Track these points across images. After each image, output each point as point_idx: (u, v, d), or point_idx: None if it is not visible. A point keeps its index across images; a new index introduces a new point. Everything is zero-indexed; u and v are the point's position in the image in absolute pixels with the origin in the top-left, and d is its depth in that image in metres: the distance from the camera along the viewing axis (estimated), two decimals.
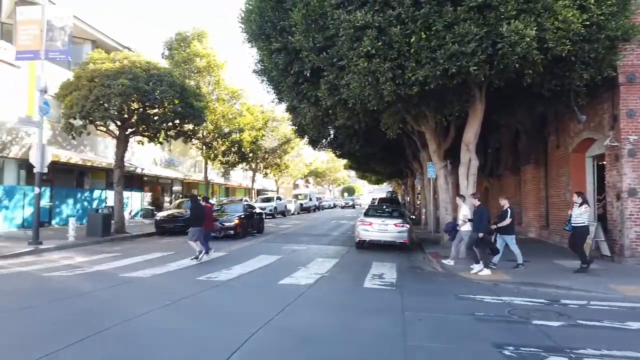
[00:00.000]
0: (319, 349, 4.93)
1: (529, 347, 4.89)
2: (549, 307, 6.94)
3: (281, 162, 39.17)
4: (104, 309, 6.56)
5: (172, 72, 19.20)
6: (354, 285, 8.76)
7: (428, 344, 5.09)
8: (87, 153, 23.64)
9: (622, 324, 5.99)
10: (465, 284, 9.06)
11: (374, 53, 8.93)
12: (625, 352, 4.79)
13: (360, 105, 10.43)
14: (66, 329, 5.44)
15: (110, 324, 5.57)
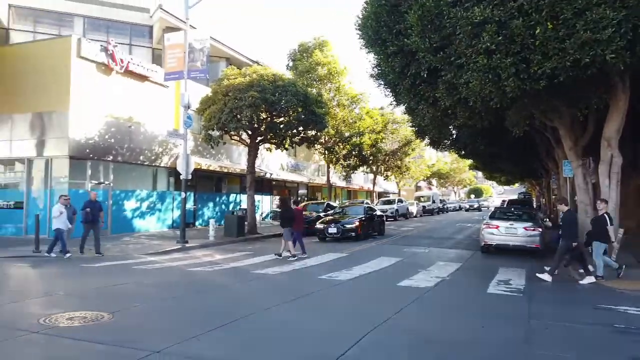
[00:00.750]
0: (441, 350, 4.93)
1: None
2: None
3: (402, 164, 38.84)
4: (237, 301, 7.30)
5: (296, 82, 20.30)
6: (476, 290, 8.48)
7: (557, 354, 4.79)
8: (224, 161, 26.00)
9: None
10: (608, 293, 8.21)
11: (494, 49, 8.56)
12: None
13: (481, 104, 10.03)
14: (205, 317, 6.18)
15: (243, 315, 6.20)
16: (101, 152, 18.16)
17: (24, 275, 9.82)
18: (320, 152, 29.11)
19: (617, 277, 9.36)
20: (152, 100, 20.70)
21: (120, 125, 19.10)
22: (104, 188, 18.48)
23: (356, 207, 20.24)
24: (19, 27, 24.27)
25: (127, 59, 19.49)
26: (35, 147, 17.44)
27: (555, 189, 26.26)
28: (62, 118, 16.95)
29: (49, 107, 17.25)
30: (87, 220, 13.07)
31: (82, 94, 17.35)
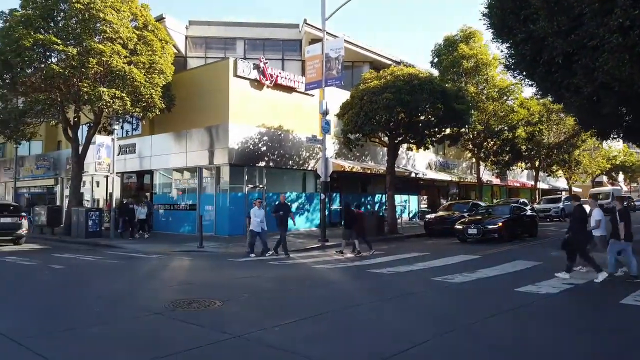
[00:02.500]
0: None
1: None
2: None
3: (570, 158, 34.75)
4: (336, 297, 7.75)
5: (433, 79, 19.90)
6: (609, 300, 7.45)
7: None
8: (368, 162, 26.71)
9: None
10: None
11: (629, 25, 7.46)
12: None
13: (625, 88, 8.77)
14: (298, 309, 6.77)
15: (333, 309, 6.66)
16: (255, 158, 20.35)
17: (179, 267, 11.72)
18: (469, 148, 27.83)
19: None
20: (300, 108, 22.42)
21: (272, 133, 21.13)
22: (259, 191, 20.66)
23: (503, 206, 18.94)
24: (194, 55, 28.58)
25: (276, 73, 21.50)
26: (204, 157, 20.36)
27: None
28: (223, 131, 19.51)
29: (214, 121, 19.99)
30: (282, 223, 13.86)
31: (239, 108, 19.72)
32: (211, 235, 19.02)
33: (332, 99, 22.53)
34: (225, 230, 19.28)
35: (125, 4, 19.14)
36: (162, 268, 11.51)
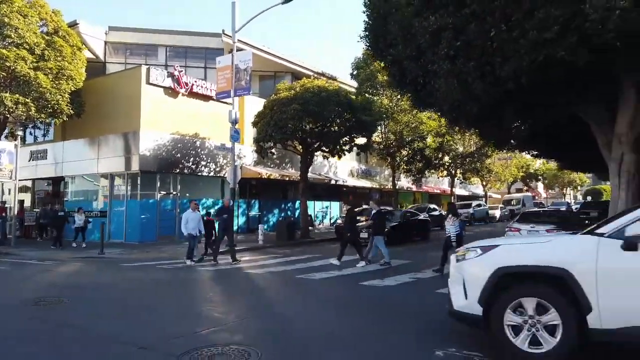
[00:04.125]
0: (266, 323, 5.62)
1: None
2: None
3: (482, 166, 37.44)
4: (172, 294, 8.49)
5: (341, 92, 21.11)
6: (430, 290, 8.67)
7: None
8: (289, 169, 27.61)
9: None
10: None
11: (452, 54, 8.77)
12: None
13: (457, 109, 10.16)
14: (127, 305, 7.45)
15: (148, 304, 7.38)
16: (169, 165, 20.67)
17: (61, 272, 11.96)
18: (383, 157, 29.45)
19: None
20: (217, 116, 22.89)
21: (187, 141, 21.53)
22: (172, 198, 20.97)
23: (397, 212, 20.25)
24: (114, 61, 28.37)
25: (191, 82, 21.96)
26: (117, 163, 20.41)
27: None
28: (135, 138, 19.70)
29: (127, 128, 20.12)
30: (227, 227, 13.70)
31: (152, 115, 20.00)
32: (120, 243, 19.14)
33: (252, 107, 23.34)
34: (136, 237, 19.44)
35: (34, 9, 18.99)
36: (42, 272, 11.74)
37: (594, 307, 4.14)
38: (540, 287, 4.42)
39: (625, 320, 4.04)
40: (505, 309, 4.48)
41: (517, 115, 12.13)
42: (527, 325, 4.40)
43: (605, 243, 4.26)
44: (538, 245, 4.90)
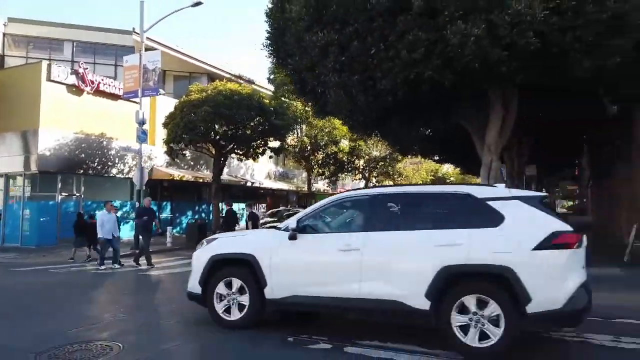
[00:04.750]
0: None
1: None
2: None
3: (392, 170, 39.45)
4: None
5: (253, 96, 21.49)
6: None
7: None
8: (203, 171, 27.47)
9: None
10: None
11: (338, 68, 9.56)
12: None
13: (346, 116, 11.02)
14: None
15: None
16: (72, 166, 19.85)
17: None
18: (297, 160, 30.25)
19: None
20: (127, 115, 22.27)
21: (93, 140, 20.80)
22: (75, 199, 20.17)
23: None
24: (15, 54, 26.60)
25: (98, 80, 21.24)
26: (14, 162, 19.25)
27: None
28: (33, 136, 18.73)
29: (26, 126, 19.07)
30: (146, 230, 13.32)
31: (53, 114, 19.11)
32: (15, 247, 18.13)
33: (165, 108, 22.94)
34: (34, 240, 18.46)
35: None
36: None
37: (268, 283, 5.50)
38: (238, 269, 5.77)
39: (290, 291, 5.40)
40: (216, 284, 5.83)
41: (404, 124, 13.22)
42: (229, 298, 5.76)
43: (280, 235, 5.61)
44: (240, 237, 6.58)
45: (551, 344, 5.20)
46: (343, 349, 4.77)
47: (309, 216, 5.69)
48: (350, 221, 6.00)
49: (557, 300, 4.42)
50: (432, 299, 4.68)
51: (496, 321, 4.50)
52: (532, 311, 4.43)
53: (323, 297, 5.21)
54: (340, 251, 5.17)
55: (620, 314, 6.32)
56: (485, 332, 4.54)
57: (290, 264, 5.47)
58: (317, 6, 9.43)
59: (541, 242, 4.52)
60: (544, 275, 4.49)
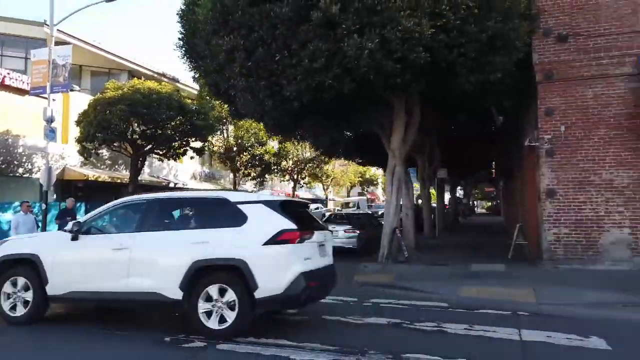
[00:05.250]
0: None
1: None
2: None
3: (320, 172, 40.16)
4: None
5: (173, 95, 21.07)
6: None
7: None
8: (122, 172, 26.49)
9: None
10: None
11: (245, 73, 9.76)
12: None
13: (260, 118, 11.27)
14: None
15: None
16: None
17: None
18: (222, 161, 30.01)
19: None
20: (35, 113, 21.10)
21: None
22: None
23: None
24: None
25: (3, 73, 19.91)
26: None
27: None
28: None
29: None
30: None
31: None
32: None
33: (80, 105, 21.87)
34: None
35: None
36: None
37: (50, 280, 5.95)
38: (23, 268, 6.16)
39: (69, 287, 5.86)
40: (3, 284, 6.16)
41: (319, 128, 13.66)
42: (14, 296, 6.10)
43: (65, 236, 6.12)
44: (29, 238, 6.98)
45: (410, 332, 5.71)
46: (216, 346, 4.98)
47: (92, 219, 6.26)
48: (125, 223, 6.54)
49: (278, 287, 5.20)
50: (185, 290, 5.34)
51: (233, 306, 5.23)
52: (260, 296, 5.19)
53: (99, 292, 5.74)
54: (114, 250, 5.73)
55: (484, 305, 7.04)
56: (224, 316, 5.25)
57: (70, 262, 5.96)
58: (222, 11, 9.55)
59: (270, 238, 5.33)
60: (269, 266, 5.28)
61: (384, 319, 6.18)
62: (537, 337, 5.28)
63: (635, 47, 10.28)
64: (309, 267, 5.51)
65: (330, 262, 6.29)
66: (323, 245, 6.08)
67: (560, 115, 10.79)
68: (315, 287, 5.52)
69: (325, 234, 6.29)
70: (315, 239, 5.79)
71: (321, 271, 5.80)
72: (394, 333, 5.66)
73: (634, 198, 10.10)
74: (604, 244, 10.32)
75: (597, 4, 10.63)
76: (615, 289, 7.78)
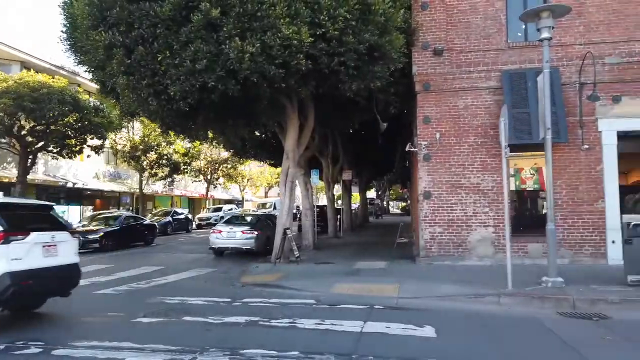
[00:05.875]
0: None
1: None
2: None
3: (235, 172, 39.77)
4: None
5: (66, 90, 19.84)
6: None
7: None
8: (11, 170, 24.47)
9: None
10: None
11: (125, 70, 9.51)
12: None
13: (149, 116, 11.05)
14: None
15: None
16: None
17: None
18: (125, 160, 28.76)
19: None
20: None
21: None
22: None
23: (118, 217, 19.56)
24: None
25: None
26: None
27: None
28: None
29: None
30: None
31: None
32: None
33: None
34: None
35: None
36: None
37: None
38: None
39: None
40: None
41: (216, 128, 13.60)
42: None
43: None
44: None
45: (261, 329, 5.91)
46: (51, 352, 4.87)
47: None
48: None
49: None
50: None
51: None
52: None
53: None
54: None
55: (348, 301, 7.46)
56: None
57: None
58: (100, 6, 9.24)
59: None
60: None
61: (244, 317, 6.34)
62: (377, 328, 5.72)
63: (499, 63, 11.38)
64: (20, 267, 5.74)
65: (63, 262, 6.47)
66: (52, 245, 6.34)
67: (436, 123, 11.65)
68: (27, 286, 5.81)
69: (55, 235, 6.47)
70: (33, 240, 6.03)
71: (43, 271, 6.08)
72: (245, 330, 5.84)
73: (497, 200, 11.16)
74: (471, 242, 11.30)
75: (468, 22, 11.62)
76: (470, 283, 8.57)
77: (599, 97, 10.48)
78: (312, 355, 4.69)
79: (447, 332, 5.64)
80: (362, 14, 9.48)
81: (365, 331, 5.60)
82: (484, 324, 6.14)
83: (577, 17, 11.05)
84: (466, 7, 11.66)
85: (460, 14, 11.69)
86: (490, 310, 6.94)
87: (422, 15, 11.77)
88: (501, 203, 11.08)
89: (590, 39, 11.00)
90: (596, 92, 10.46)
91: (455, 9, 11.71)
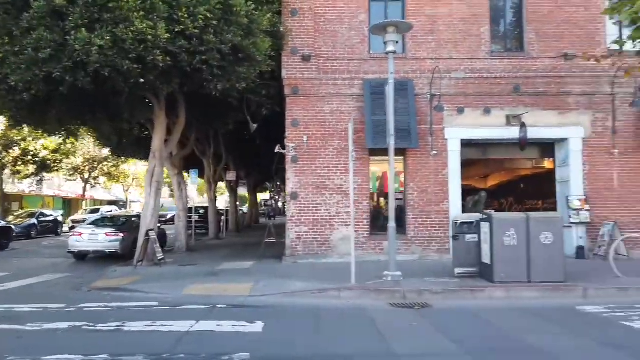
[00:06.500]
0: None
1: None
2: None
3: (116, 172, 37.45)
4: None
5: None
6: None
7: None
8: None
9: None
10: None
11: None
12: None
13: None
14: None
15: None
16: None
17: None
18: None
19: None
20: None
21: None
22: None
23: None
24: None
25: None
26: None
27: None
28: None
29: None
30: None
31: None
32: None
33: None
34: None
35: None
36: None
37: None
38: None
39: None
40: None
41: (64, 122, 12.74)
42: None
43: None
44: None
45: (80, 334, 5.69)
46: None
47: None
48: None
49: None
50: None
51: None
52: None
53: None
54: None
55: (195, 302, 7.43)
56: None
57: None
58: None
59: None
60: None
61: (68, 323, 6.02)
62: (206, 327, 5.77)
63: (362, 72, 12.08)
64: None
65: None
66: None
67: (304, 126, 12.03)
68: None
69: None
70: None
71: None
72: (61, 337, 5.54)
73: (357, 200, 11.79)
74: (334, 240, 11.84)
75: (335, 32, 12.18)
76: (322, 279, 8.97)
77: (444, 107, 11.61)
78: (120, 357, 4.59)
79: (274, 326, 5.86)
80: (224, 14, 9.49)
81: (193, 330, 5.61)
82: (316, 316, 6.47)
83: (430, 34, 12.14)
84: (333, 16, 12.21)
85: (328, 23, 12.20)
86: (330, 303, 7.34)
87: (292, 21, 12.09)
88: (361, 204, 11.82)
89: (441, 55, 12.12)
90: (442, 104, 11.58)
91: (323, 17, 12.21)
